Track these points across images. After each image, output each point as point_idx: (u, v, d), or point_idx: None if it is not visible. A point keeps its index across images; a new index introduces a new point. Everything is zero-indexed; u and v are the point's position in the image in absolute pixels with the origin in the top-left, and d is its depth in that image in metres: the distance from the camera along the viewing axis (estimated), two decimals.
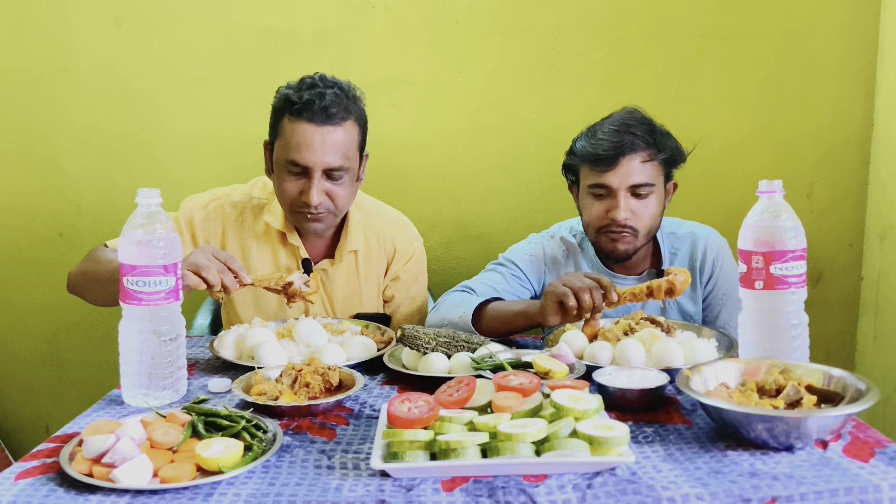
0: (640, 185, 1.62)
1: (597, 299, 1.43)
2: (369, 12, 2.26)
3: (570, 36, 2.27)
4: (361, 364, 1.44)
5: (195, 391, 1.33)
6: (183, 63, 2.27)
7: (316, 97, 1.56)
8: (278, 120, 1.62)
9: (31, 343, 2.42)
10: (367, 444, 1.09)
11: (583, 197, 1.71)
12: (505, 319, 1.59)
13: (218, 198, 1.78)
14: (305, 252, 1.75)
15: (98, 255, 1.65)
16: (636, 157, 1.62)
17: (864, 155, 2.32)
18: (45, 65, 2.27)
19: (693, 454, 1.03)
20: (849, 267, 2.37)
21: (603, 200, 1.65)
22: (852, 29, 2.26)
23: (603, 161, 1.62)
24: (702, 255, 1.75)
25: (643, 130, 1.64)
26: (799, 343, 1.26)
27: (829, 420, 1.02)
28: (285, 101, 1.59)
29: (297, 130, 1.57)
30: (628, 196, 1.63)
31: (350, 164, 1.63)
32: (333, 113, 1.57)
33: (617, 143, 1.61)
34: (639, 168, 1.62)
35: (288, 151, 1.59)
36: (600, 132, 1.66)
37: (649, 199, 1.64)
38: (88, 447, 0.98)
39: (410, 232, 1.87)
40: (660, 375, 1.23)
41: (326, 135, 1.57)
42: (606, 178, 1.62)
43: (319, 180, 1.59)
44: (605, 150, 1.62)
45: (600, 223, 1.66)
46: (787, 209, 1.26)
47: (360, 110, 1.66)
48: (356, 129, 1.64)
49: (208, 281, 1.39)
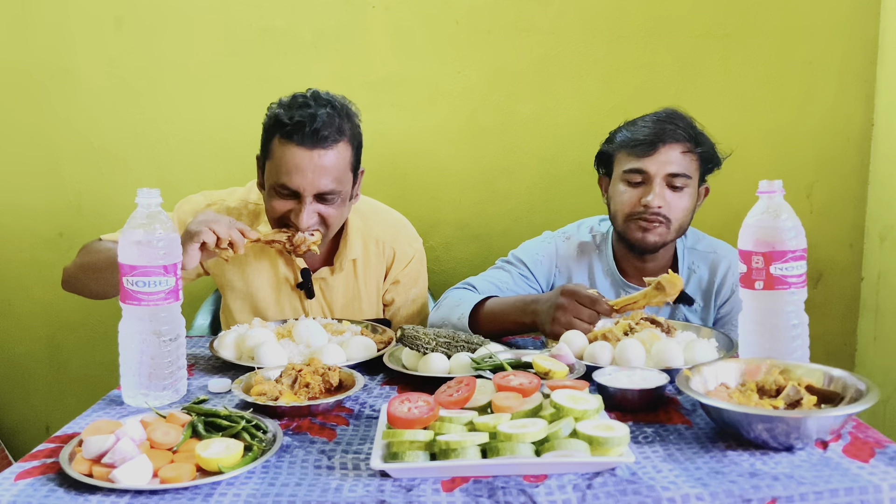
0: (677, 174, 1.61)
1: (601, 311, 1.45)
2: (369, 12, 2.26)
3: (570, 36, 2.27)
4: (361, 364, 1.44)
5: (195, 391, 1.33)
6: (183, 63, 2.27)
7: (307, 119, 1.51)
8: (269, 140, 1.57)
9: (31, 343, 2.42)
10: (367, 444, 1.09)
11: (615, 185, 1.69)
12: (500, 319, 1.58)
13: (213, 203, 1.75)
14: (304, 262, 1.74)
15: (94, 246, 1.64)
16: (676, 147, 1.61)
17: (864, 155, 2.32)
18: (45, 65, 2.27)
19: (693, 454, 1.03)
20: (849, 267, 2.37)
21: (637, 188, 1.64)
22: (852, 29, 2.26)
23: (642, 146, 1.61)
24: (721, 277, 1.72)
25: (685, 124, 1.64)
26: (799, 343, 1.26)
27: (829, 420, 1.02)
28: (276, 122, 1.54)
29: (287, 154, 1.52)
30: (664, 185, 1.62)
31: (342, 187, 1.58)
32: (325, 136, 1.52)
33: (658, 131, 1.61)
34: (677, 158, 1.61)
35: (278, 175, 1.54)
36: (641, 122, 1.66)
37: (684, 193, 1.63)
38: (88, 447, 0.99)
39: (409, 234, 1.85)
40: (660, 376, 1.23)
41: (317, 159, 1.52)
42: (644, 163, 1.61)
43: (310, 203, 1.56)
44: (645, 135, 1.62)
45: (631, 209, 1.64)
46: (787, 209, 1.26)
47: (355, 128, 1.62)
48: (349, 150, 1.59)
49: (219, 234, 1.40)
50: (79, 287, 1.66)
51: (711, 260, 1.74)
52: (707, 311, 1.74)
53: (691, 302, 1.71)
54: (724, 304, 1.73)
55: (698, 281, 1.74)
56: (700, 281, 1.73)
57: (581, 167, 2.32)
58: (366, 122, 2.08)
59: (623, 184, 1.66)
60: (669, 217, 1.62)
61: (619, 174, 1.67)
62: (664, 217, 1.61)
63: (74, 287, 1.67)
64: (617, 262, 1.76)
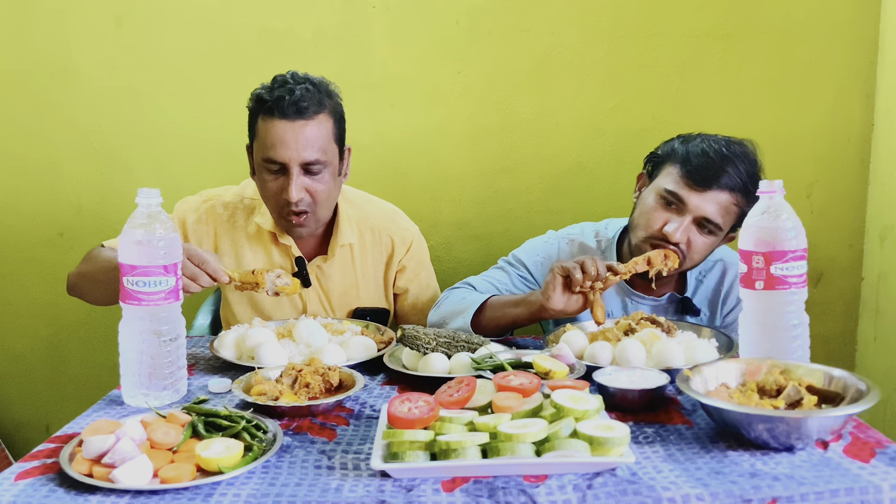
0: (711, 221, 1.54)
1: (600, 267, 1.42)
2: (369, 12, 2.26)
3: (570, 36, 2.27)
4: (361, 364, 1.44)
5: (195, 391, 1.33)
6: (183, 63, 2.27)
7: (286, 93, 1.56)
8: (254, 121, 1.63)
9: (31, 343, 2.42)
10: (367, 444, 1.09)
11: (650, 193, 1.60)
12: (505, 306, 1.57)
13: (209, 199, 1.79)
14: (298, 250, 1.75)
15: (95, 255, 1.65)
16: (725, 195, 1.52)
17: (864, 155, 2.32)
18: (45, 65, 2.27)
19: (693, 454, 1.03)
20: (849, 267, 2.37)
21: (668, 211, 1.56)
22: (852, 29, 2.25)
23: (694, 177, 1.52)
24: (729, 285, 1.70)
25: (747, 171, 1.53)
26: (799, 343, 1.26)
27: (830, 420, 1.02)
28: (258, 101, 1.60)
29: (270, 128, 1.57)
30: (692, 225, 1.54)
31: (328, 158, 1.62)
32: (305, 107, 1.57)
33: (718, 170, 1.51)
34: (721, 206, 1.53)
35: (264, 150, 1.59)
36: (709, 144, 1.55)
37: (709, 239, 1.57)
38: (88, 447, 0.98)
39: (404, 220, 1.87)
40: (660, 376, 1.23)
41: (299, 129, 1.57)
42: (687, 194, 1.53)
43: (297, 176, 1.59)
44: (704, 166, 1.52)
45: (652, 232, 1.57)
46: (787, 209, 1.25)
47: (336, 104, 1.65)
48: (330, 121, 1.63)
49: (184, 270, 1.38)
50: (81, 294, 1.70)
51: (718, 268, 1.72)
52: (713, 320, 1.72)
53: (697, 312, 1.69)
54: (731, 313, 1.71)
55: (705, 291, 1.72)
56: (707, 290, 1.72)
57: (581, 167, 2.33)
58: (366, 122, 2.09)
59: (657, 198, 1.58)
60: (685, 254, 1.57)
61: (659, 186, 1.58)
62: (682, 252, 1.56)
63: (78, 294, 1.70)
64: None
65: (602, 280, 1.44)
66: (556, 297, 1.45)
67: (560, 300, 1.45)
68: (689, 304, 1.69)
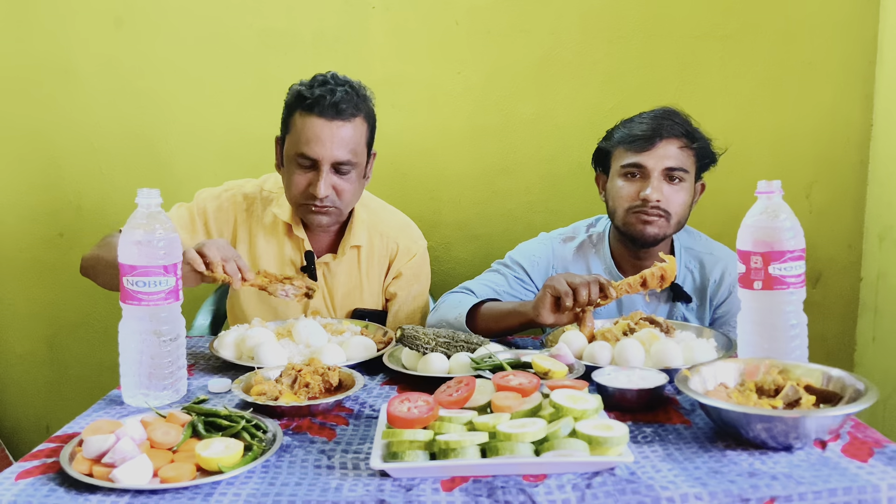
0: (674, 168, 1.64)
1: (593, 293, 1.44)
2: (369, 13, 2.26)
3: (569, 36, 2.28)
4: (361, 364, 1.44)
5: (195, 391, 1.34)
6: (183, 63, 2.27)
7: (327, 93, 1.61)
8: (290, 115, 1.66)
9: (31, 343, 2.42)
10: (367, 444, 1.09)
11: (613, 181, 1.71)
12: (498, 317, 1.59)
13: (230, 189, 1.83)
14: (309, 245, 1.77)
15: (112, 240, 1.67)
16: (673, 142, 1.65)
17: (863, 155, 2.32)
18: (45, 65, 2.27)
19: (692, 454, 1.03)
20: (848, 267, 2.37)
21: (635, 182, 1.66)
22: (852, 29, 2.26)
23: (640, 141, 1.64)
24: (718, 277, 1.74)
25: (681, 120, 1.68)
26: (798, 343, 1.26)
27: (828, 420, 1.02)
28: (297, 97, 1.64)
29: (307, 125, 1.61)
30: (662, 179, 1.64)
31: (357, 160, 1.66)
32: (343, 109, 1.61)
33: (656, 126, 1.64)
34: (675, 153, 1.64)
35: (298, 145, 1.62)
36: (638, 119, 1.69)
37: (681, 187, 1.66)
38: (88, 447, 0.99)
39: (414, 233, 1.90)
40: (659, 375, 1.23)
41: (336, 129, 1.61)
42: (642, 157, 1.64)
43: (327, 174, 1.63)
44: (643, 131, 1.65)
45: (630, 203, 1.66)
46: (785, 209, 1.26)
47: (370, 109, 1.70)
48: (365, 126, 1.68)
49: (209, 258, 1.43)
50: (94, 277, 1.71)
51: (707, 261, 1.76)
52: (703, 310, 1.75)
53: (689, 299, 1.72)
54: (721, 306, 1.75)
55: (693, 280, 1.75)
56: (694, 280, 1.76)
57: (581, 167, 2.32)
58: None
59: (621, 179, 1.68)
60: (668, 210, 1.65)
61: (616, 170, 1.70)
62: (663, 210, 1.64)
63: (90, 276, 1.72)
64: (615, 261, 1.76)
65: (593, 304, 1.46)
66: (545, 313, 1.48)
67: (550, 317, 1.48)
68: (679, 290, 1.72)
